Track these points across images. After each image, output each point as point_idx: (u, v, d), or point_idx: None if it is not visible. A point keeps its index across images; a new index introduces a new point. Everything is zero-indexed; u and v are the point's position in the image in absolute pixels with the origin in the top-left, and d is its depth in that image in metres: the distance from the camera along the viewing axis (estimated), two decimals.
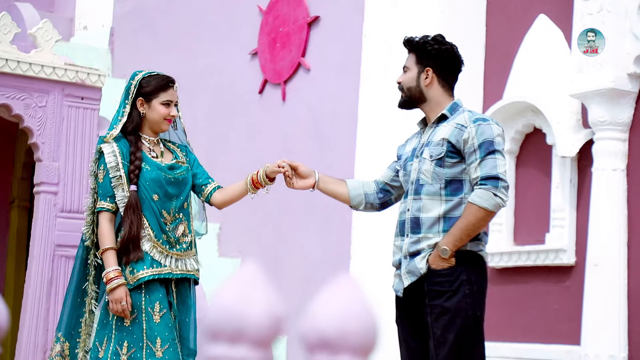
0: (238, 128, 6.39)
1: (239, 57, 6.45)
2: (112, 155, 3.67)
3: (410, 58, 3.56)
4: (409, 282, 3.42)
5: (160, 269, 3.66)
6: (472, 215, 3.34)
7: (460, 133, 3.43)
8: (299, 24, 6.03)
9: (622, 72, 4.36)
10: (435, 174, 3.43)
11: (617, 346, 4.29)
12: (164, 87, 3.71)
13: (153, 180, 3.68)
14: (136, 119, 3.72)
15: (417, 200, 3.45)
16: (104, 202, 3.68)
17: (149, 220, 3.66)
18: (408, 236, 3.46)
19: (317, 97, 5.91)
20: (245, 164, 6.29)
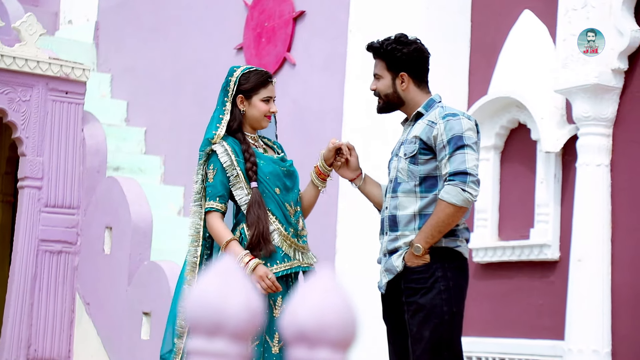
0: None
1: (224, 52, 6.44)
2: (226, 154, 3.55)
3: (380, 65, 3.54)
4: (386, 280, 3.45)
5: (291, 263, 3.58)
6: (442, 212, 3.34)
7: (431, 130, 3.43)
8: (285, 19, 6.02)
9: (606, 67, 4.37)
10: (409, 171, 3.44)
11: (600, 341, 4.30)
12: (263, 83, 3.61)
13: (272, 174, 3.59)
14: (238, 117, 3.61)
15: (394, 198, 3.47)
16: (214, 202, 3.55)
17: (275, 213, 3.57)
18: (387, 234, 3.48)
19: (302, 92, 5.90)
20: None
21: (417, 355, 3.36)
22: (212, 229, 3.56)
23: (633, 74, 4.41)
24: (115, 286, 5.35)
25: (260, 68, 3.71)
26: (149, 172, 6.58)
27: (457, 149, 3.38)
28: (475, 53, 5.25)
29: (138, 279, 5.23)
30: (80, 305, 5.55)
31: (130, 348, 5.19)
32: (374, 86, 3.56)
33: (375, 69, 3.56)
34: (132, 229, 5.30)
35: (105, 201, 5.55)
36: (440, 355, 3.36)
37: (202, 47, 6.62)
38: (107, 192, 5.55)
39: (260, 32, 6.18)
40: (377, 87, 3.55)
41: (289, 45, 5.98)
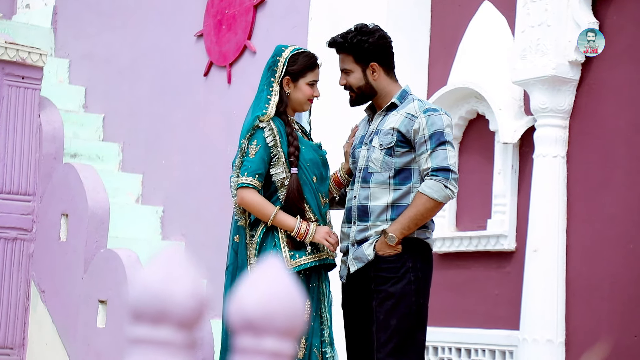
0: (182, 110, 6.34)
1: (184, 39, 6.39)
2: (271, 133, 3.45)
3: (346, 59, 3.52)
4: (355, 268, 3.45)
5: (320, 255, 3.50)
6: (422, 205, 3.37)
7: (411, 123, 3.44)
8: (245, 7, 5.99)
9: (563, 59, 4.40)
10: (384, 162, 3.44)
11: (554, 331, 4.34)
12: (311, 66, 3.53)
13: (312, 161, 3.51)
14: (285, 99, 3.52)
15: (365, 189, 3.46)
16: (252, 179, 3.44)
17: (310, 202, 3.47)
18: (355, 224, 3.48)
19: None
20: (189, 146, 6.24)
21: (381, 343, 3.38)
22: (250, 204, 3.42)
23: (590, 66, 4.44)
24: (71, 274, 5.30)
25: (308, 50, 3.61)
26: (107, 159, 6.52)
27: (439, 145, 3.41)
28: (435, 44, 5.26)
29: (94, 266, 5.19)
30: (35, 293, 5.49)
31: (85, 336, 5.15)
32: (343, 81, 3.54)
33: (342, 64, 3.53)
34: (88, 217, 5.25)
35: (61, 188, 5.49)
36: (404, 344, 3.39)
37: (162, 34, 6.56)
38: (63, 179, 5.49)
39: (220, 20, 6.15)
40: (347, 81, 3.53)
41: (249, 33, 5.95)
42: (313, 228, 3.42)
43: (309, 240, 3.44)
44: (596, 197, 4.39)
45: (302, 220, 3.43)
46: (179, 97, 6.37)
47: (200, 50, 6.28)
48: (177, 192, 6.26)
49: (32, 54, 5.55)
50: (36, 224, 5.55)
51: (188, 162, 6.21)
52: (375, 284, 3.43)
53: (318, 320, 3.45)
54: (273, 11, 5.86)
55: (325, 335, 3.47)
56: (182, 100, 6.35)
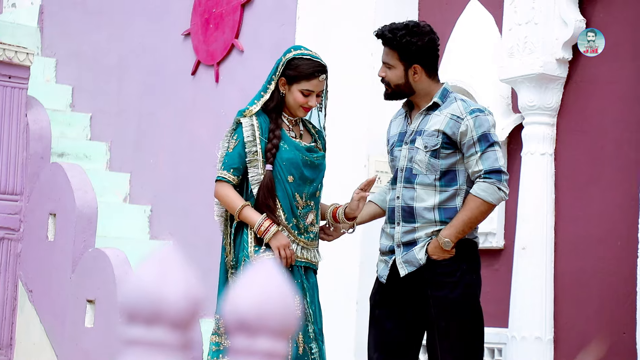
0: (170, 109, 6.33)
1: (171, 38, 6.38)
2: (250, 128, 3.45)
3: (391, 55, 3.46)
4: (405, 272, 3.39)
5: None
6: (477, 209, 3.36)
7: (457, 125, 3.41)
8: (233, 5, 5.98)
9: (551, 57, 4.41)
10: (429, 164, 3.41)
11: (543, 328, 4.35)
12: (308, 76, 3.45)
13: (289, 161, 3.46)
14: (277, 98, 3.49)
15: (410, 189, 3.43)
16: (227, 173, 3.45)
17: (281, 202, 3.44)
18: (399, 224, 3.44)
19: (250, 79, 5.87)
20: (177, 145, 6.23)
21: (446, 349, 3.36)
22: (221, 197, 3.45)
23: (577, 64, 4.46)
24: (58, 273, 5.28)
25: (317, 58, 3.51)
26: (94, 158, 6.50)
27: (488, 147, 3.39)
28: None
29: (82, 266, 5.17)
30: (22, 293, 5.48)
31: (73, 336, 5.13)
32: (383, 73, 3.48)
33: (385, 57, 3.48)
34: (76, 216, 5.24)
35: (49, 187, 5.47)
36: (468, 348, 3.40)
37: (149, 33, 6.55)
38: (51, 179, 5.48)
39: (208, 18, 6.14)
40: (386, 75, 3.47)
41: (237, 32, 5.94)
42: (273, 230, 3.39)
43: (266, 241, 3.40)
44: (584, 195, 4.41)
45: (268, 219, 3.40)
46: (167, 96, 6.36)
47: (187, 49, 6.27)
48: (165, 191, 6.25)
49: (18, 53, 5.53)
50: (23, 223, 5.53)
51: (176, 161, 6.20)
52: (432, 289, 3.38)
53: (302, 316, 3.44)
54: (261, 10, 5.85)
55: (310, 331, 3.46)
56: (170, 99, 6.34)
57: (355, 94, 5.11)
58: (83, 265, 5.17)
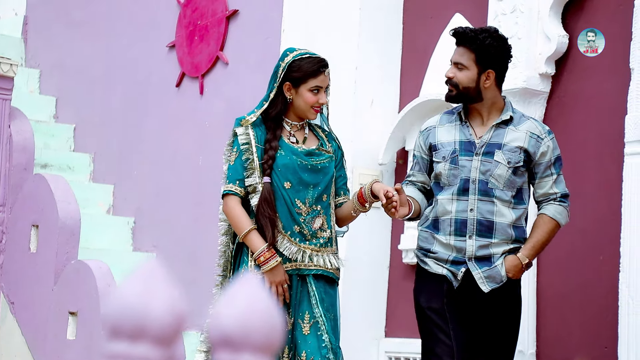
0: (154, 120, 6.32)
1: (156, 50, 6.37)
2: (246, 137, 3.36)
3: (467, 55, 3.38)
4: (489, 289, 3.38)
5: (293, 264, 3.35)
6: (552, 232, 3.42)
7: (537, 144, 3.40)
8: (218, 18, 5.98)
9: (534, 72, 4.44)
10: (509, 181, 3.38)
11: (526, 342, 4.36)
12: (314, 72, 3.36)
13: (285, 166, 3.37)
14: (280, 105, 3.39)
15: (488, 203, 3.37)
16: (232, 185, 3.36)
17: (278, 210, 3.34)
18: (472, 238, 3.37)
19: (235, 91, 5.88)
20: (161, 157, 6.22)
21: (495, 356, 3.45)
22: (228, 214, 3.37)
23: (560, 79, 4.49)
24: (40, 285, 5.26)
25: (315, 54, 3.44)
26: (78, 169, 6.48)
27: (561, 170, 3.45)
28: (406, 55, 5.28)
29: (64, 278, 5.15)
30: (4, 305, 5.44)
31: (55, 348, 5.10)
32: (452, 74, 3.40)
33: (459, 57, 3.39)
34: (59, 228, 5.21)
35: (32, 199, 5.44)
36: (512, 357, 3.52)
37: (133, 44, 6.54)
38: (34, 190, 5.45)
39: (192, 31, 6.14)
40: (456, 76, 3.39)
41: (221, 44, 5.94)
42: (272, 264, 3.29)
43: (263, 272, 3.29)
44: None
45: (269, 250, 3.31)
46: (151, 108, 6.35)
47: (172, 61, 6.27)
48: (148, 203, 6.23)
49: (2, 64, 5.51)
50: (6, 234, 5.49)
51: (159, 173, 6.18)
52: (508, 306, 3.43)
53: (299, 328, 3.34)
54: (246, 22, 5.86)
55: (326, 341, 3.34)
56: (154, 111, 6.33)
57: (340, 107, 5.12)
58: (65, 277, 5.14)
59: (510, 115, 3.40)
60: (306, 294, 3.38)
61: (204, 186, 5.92)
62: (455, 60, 3.39)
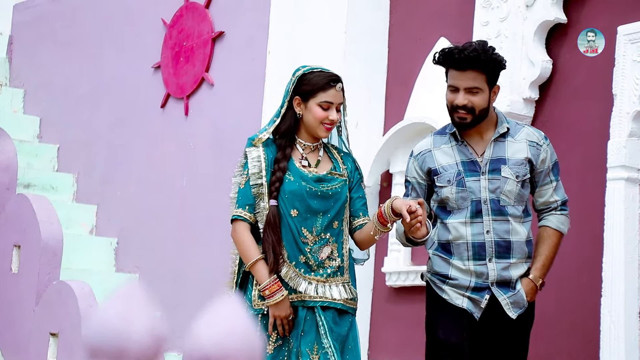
0: (139, 141, 6.31)
1: (141, 70, 6.37)
2: (257, 160, 3.20)
3: (478, 78, 3.22)
4: (515, 315, 3.27)
5: (297, 296, 3.19)
6: (558, 244, 3.31)
7: (537, 152, 3.29)
8: (203, 39, 6.00)
9: (517, 96, 4.46)
10: (519, 195, 3.26)
11: None
12: (323, 86, 3.20)
13: (292, 193, 3.19)
14: (290, 120, 3.24)
15: (503, 222, 3.23)
16: (242, 211, 3.21)
17: (283, 237, 3.18)
18: (492, 261, 3.24)
19: (220, 112, 5.88)
20: (145, 178, 6.20)
21: None
22: (236, 241, 3.23)
23: (543, 104, 4.51)
24: (22, 306, 5.22)
25: (327, 70, 3.29)
26: (61, 189, 6.46)
27: (559, 176, 3.33)
28: (391, 78, 5.30)
29: (46, 299, 5.11)
30: None
31: None
32: (465, 101, 3.22)
33: (472, 82, 3.22)
34: (41, 248, 5.18)
35: (14, 219, 5.42)
36: None
37: (119, 64, 6.54)
38: (16, 210, 5.42)
39: (178, 51, 6.15)
40: (471, 102, 3.22)
41: (207, 66, 5.95)
42: (278, 298, 3.14)
43: (268, 305, 3.17)
44: None
45: (276, 283, 3.16)
46: (136, 128, 6.34)
47: (157, 82, 6.27)
48: (131, 223, 6.21)
49: None
50: None
51: (143, 193, 6.17)
52: (524, 331, 3.34)
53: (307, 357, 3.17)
54: (231, 44, 5.87)
55: None
56: (139, 132, 6.32)
57: None
58: (47, 298, 5.11)
59: (506, 127, 3.29)
60: (314, 324, 3.21)
61: (188, 207, 5.90)
62: (466, 86, 3.22)
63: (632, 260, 3.90)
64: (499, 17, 4.52)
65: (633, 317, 3.89)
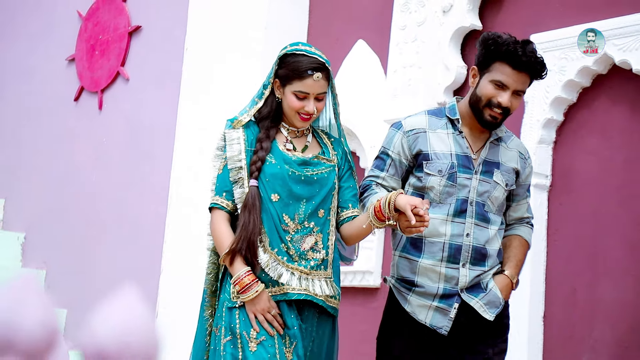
0: (50, 134, 6.17)
1: (54, 62, 6.24)
2: (236, 142, 2.92)
3: (528, 82, 2.97)
4: (493, 315, 2.97)
5: (278, 289, 2.86)
6: (526, 254, 3.13)
7: (524, 165, 3.12)
8: (120, 33, 5.90)
9: (433, 101, 4.49)
10: (501, 204, 3.05)
11: None
12: (300, 74, 2.86)
13: (273, 176, 2.89)
14: (271, 104, 2.95)
15: (484, 229, 3.00)
16: (219, 198, 2.90)
17: (265, 224, 2.86)
18: (465, 266, 2.97)
19: (135, 107, 5.80)
20: (55, 172, 6.08)
21: None
22: (212, 232, 2.90)
23: None
24: None
25: (315, 53, 2.91)
26: None
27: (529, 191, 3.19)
28: None
29: None
30: None
31: None
32: (509, 103, 2.94)
33: (522, 85, 2.96)
34: None
35: None
36: None
37: (30, 55, 6.39)
38: None
39: (93, 45, 6.04)
40: (513, 105, 2.95)
41: (123, 60, 5.86)
42: (251, 295, 2.81)
43: (243, 301, 2.83)
44: None
45: (249, 274, 2.83)
46: (46, 121, 6.21)
47: (71, 75, 6.15)
48: (40, 218, 6.07)
49: None
50: None
51: (53, 188, 6.04)
52: (501, 332, 3.02)
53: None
54: (148, 39, 5.79)
55: None
56: (50, 125, 6.19)
57: None
58: None
59: (504, 131, 3.09)
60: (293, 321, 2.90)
61: (98, 203, 5.80)
62: (517, 88, 2.95)
63: (538, 264, 3.96)
64: (416, 21, 4.55)
65: (537, 322, 3.96)
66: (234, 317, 2.84)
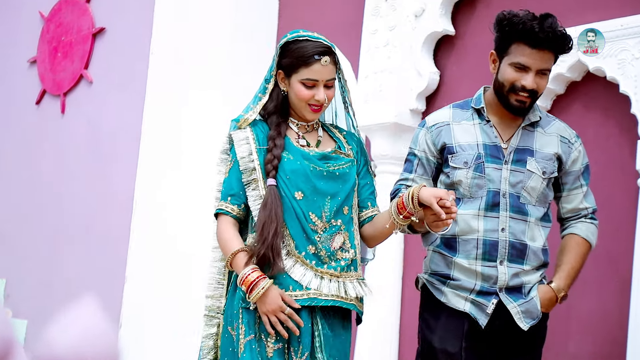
0: (10, 138, 6.03)
1: (15, 64, 6.10)
2: (245, 142, 2.72)
3: (552, 59, 2.80)
4: (527, 326, 2.81)
5: (303, 292, 2.65)
6: (586, 256, 2.89)
7: (569, 150, 2.89)
8: (83, 34, 5.78)
9: (404, 107, 4.43)
10: (543, 195, 2.84)
11: None
12: (305, 60, 2.67)
13: (295, 173, 2.68)
14: (277, 98, 2.75)
15: (521, 222, 2.81)
16: (224, 203, 2.71)
17: (288, 226, 2.65)
18: (503, 264, 2.80)
19: (98, 111, 5.67)
20: (17, 177, 5.93)
21: None
22: (219, 238, 2.71)
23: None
24: None
25: (318, 38, 2.73)
26: None
27: (589, 181, 2.94)
28: None
29: None
30: None
31: None
32: (534, 85, 2.78)
33: (546, 63, 2.79)
34: None
35: None
36: None
37: None
38: None
39: (56, 46, 5.90)
40: (539, 85, 2.79)
41: (86, 62, 5.74)
42: (260, 289, 2.59)
43: (252, 301, 2.62)
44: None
45: (255, 270, 2.62)
46: (7, 125, 6.06)
47: (32, 77, 6.02)
48: (1, 226, 5.92)
49: None
50: None
51: (15, 194, 5.89)
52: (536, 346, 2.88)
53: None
54: (113, 41, 5.68)
55: None
56: (11, 129, 6.04)
57: (209, 131, 5.00)
58: None
59: (539, 115, 2.88)
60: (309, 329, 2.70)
61: (61, 209, 5.67)
62: (539, 67, 2.77)
63: None
64: (388, 26, 4.48)
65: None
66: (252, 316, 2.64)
